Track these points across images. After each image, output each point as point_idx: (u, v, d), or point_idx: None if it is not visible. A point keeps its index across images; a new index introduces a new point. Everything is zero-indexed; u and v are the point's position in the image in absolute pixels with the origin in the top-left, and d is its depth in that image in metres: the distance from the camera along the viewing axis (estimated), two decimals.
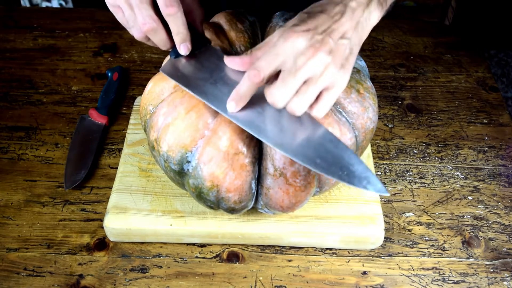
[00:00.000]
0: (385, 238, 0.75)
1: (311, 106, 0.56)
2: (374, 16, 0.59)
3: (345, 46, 0.55)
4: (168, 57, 0.67)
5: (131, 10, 0.60)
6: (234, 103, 0.58)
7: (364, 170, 0.55)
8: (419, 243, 0.74)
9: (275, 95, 0.55)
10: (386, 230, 0.76)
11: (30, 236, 0.74)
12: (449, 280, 0.71)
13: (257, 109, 0.59)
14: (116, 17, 0.63)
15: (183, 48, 0.62)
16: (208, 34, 0.68)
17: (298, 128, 0.58)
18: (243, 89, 0.57)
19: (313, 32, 0.54)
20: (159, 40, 0.62)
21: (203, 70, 0.62)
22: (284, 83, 0.54)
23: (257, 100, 0.59)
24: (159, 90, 0.67)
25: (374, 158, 0.84)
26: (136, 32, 0.62)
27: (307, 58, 0.53)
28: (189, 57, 0.64)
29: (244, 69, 0.59)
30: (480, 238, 0.75)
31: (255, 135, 0.57)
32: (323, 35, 0.54)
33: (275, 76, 0.56)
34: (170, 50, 0.64)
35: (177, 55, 0.63)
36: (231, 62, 0.61)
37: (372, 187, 0.54)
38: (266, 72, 0.55)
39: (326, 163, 0.55)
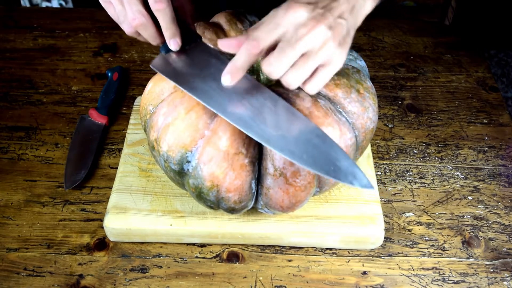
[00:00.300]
0: (385, 238, 0.75)
1: (305, 81, 0.56)
2: (368, 4, 0.60)
3: (343, 25, 0.55)
4: None
5: (121, 5, 0.60)
6: (229, 75, 0.56)
7: (350, 165, 0.55)
8: (419, 243, 0.74)
9: (273, 65, 0.54)
10: (386, 230, 0.76)
11: (30, 236, 0.74)
12: (449, 280, 0.71)
13: (246, 104, 0.59)
14: (108, 12, 0.63)
15: (173, 44, 0.62)
16: (208, 34, 0.68)
17: (287, 123, 0.58)
18: (240, 61, 0.55)
19: (314, 5, 0.54)
20: (149, 35, 0.62)
21: (193, 66, 0.62)
22: (283, 53, 0.53)
23: (247, 95, 0.59)
24: (159, 90, 0.67)
25: (374, 158, 0.84)
26: (127, 27, 0.62)
27: (308, 29, 0.53)
28: (180, 52, 0.64)
29: None
30: (480, 238, 0.75)
31: (242, 130, 0.57)
32: (323, 10, 0.54)
33: (272, 49, 0.55)
34: (161, 45, 0.64)
35: (167, 50, 0.63)
36: (226, 45, 0.57)
37: (358, 182, 0.54)
38: (265, 42, 0.54)
39: (313, 158, 0.55)
